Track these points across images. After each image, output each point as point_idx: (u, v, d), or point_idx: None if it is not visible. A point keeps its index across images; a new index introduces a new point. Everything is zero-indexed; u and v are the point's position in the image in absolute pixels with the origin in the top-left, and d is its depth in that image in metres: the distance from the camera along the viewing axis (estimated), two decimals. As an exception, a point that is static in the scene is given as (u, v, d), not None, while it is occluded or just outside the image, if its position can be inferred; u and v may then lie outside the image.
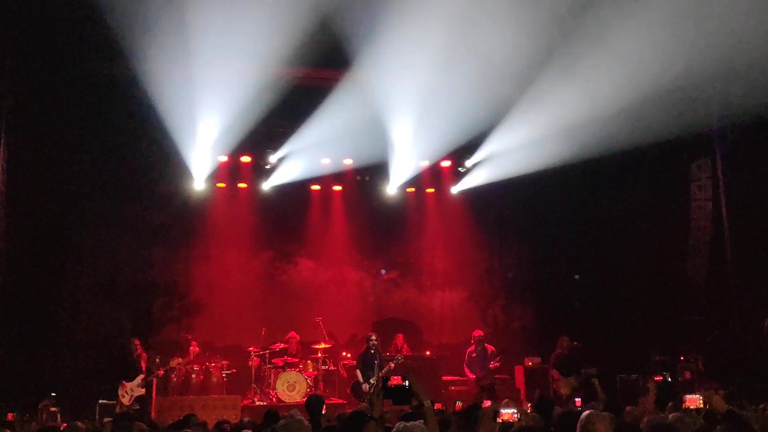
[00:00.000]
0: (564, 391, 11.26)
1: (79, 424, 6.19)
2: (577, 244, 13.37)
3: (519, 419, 4.19)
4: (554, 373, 11.54)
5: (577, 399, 8.79)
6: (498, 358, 11.69)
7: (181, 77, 10.99)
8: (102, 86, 11.42)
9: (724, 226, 10.96)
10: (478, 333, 12.05)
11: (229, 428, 6.39)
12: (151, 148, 12.61)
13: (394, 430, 3.57)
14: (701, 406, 4.59)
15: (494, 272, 14.57)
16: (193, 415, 6.88)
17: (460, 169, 13.86)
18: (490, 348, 11.88)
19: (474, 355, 11.83)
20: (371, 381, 10.78)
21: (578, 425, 3.71)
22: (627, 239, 12.51)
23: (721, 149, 11.03)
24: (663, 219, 11.99)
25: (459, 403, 6.79)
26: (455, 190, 13.99)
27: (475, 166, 13.55)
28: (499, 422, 4.13)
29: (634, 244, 12.37)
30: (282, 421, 4.57)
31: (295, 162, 13.03)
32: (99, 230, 12.87)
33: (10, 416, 7.92)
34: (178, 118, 11.62)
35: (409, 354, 12.22)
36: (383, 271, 14.21)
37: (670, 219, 11.86)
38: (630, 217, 12.44)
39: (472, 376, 11.74)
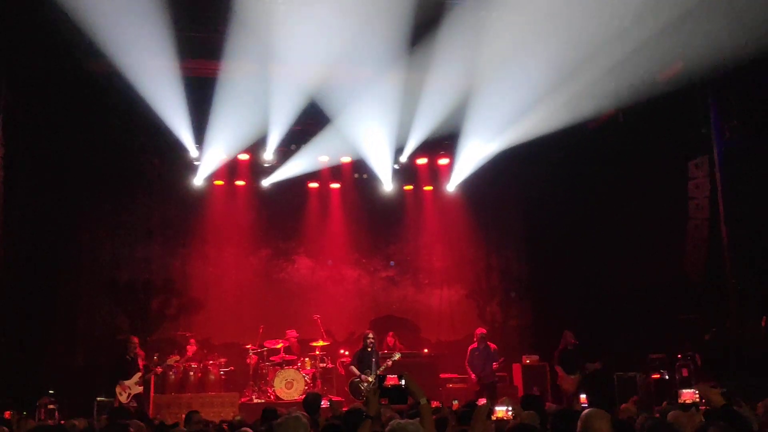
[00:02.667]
0: (568, 388, 11.25)
1: (76, 422, 6.19)
2: (575, 242, 13.36)
3: (514, 417, 4.18)
4: (558, 369, 11.53)
5: (582, 395, 8.76)
6: (501, 360, 11.69)
7: (181, 75, 10.99)
8: (100, 84, 11.37)
9: (721, 224, 10.94)
10: (480, 330, 12.03)
11: (227, 427, 6.39)
12: (149, 145, 12.63)
13: (389, 428, 3.56)
14: (697, 400, 4.60)
15: (492, 270, 14.56)
16: (196, 412, 6.88)
17: (457, 165, 13.84)
18: (493, 346, 11.86)
19: (477, 352, 11.77)
20: (370, 379, 10.79)
21: (579, 423, 3.70)
22: (624, 237, 12.51)
23: (718, 147, 11.01)
24: (660, 217, 11.98)
25: (455, 402, 6.82)
26: (452, 187, 13.95)
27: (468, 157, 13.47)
28: (493, 420, 4.12)
29: (632, 242, 12.36)
30: (280, 419, 4.57)
31: (293, 159, 13.01)
32: (97, 228, 12.89)
33: (7, 414, 7.92)
34: (177, 116, 11.63)
35: (404, 350, 12.21)
36: (392, 263, 14.20)
37: (667, 217, 11.85)
38: (627, 215, 12.43)
39: (474, 376, 11.71)
